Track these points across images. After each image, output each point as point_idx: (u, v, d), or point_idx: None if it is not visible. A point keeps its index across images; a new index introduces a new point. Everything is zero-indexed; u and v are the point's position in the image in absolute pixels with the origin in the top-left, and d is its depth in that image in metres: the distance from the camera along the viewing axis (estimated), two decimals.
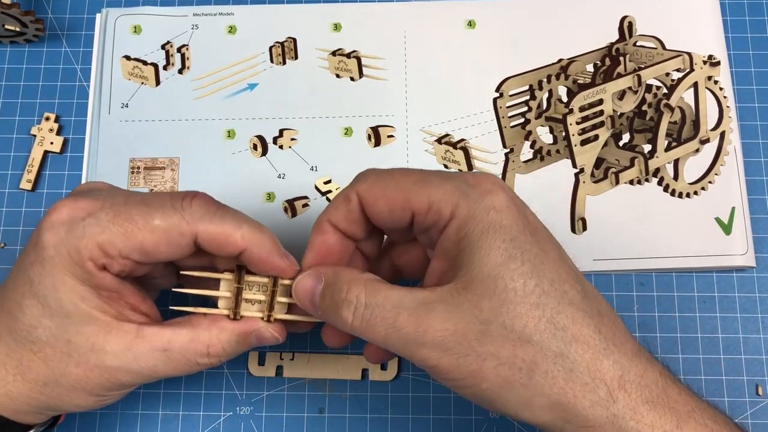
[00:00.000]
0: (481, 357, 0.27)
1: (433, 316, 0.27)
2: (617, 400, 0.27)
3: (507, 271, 0.27)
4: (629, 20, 0.46)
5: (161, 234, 0.29)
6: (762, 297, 0.42)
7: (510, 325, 0.27)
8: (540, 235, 0.29)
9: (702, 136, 0.44)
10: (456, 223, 0.28)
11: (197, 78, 0.46)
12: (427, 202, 0.29)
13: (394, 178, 0.30)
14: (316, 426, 0.40)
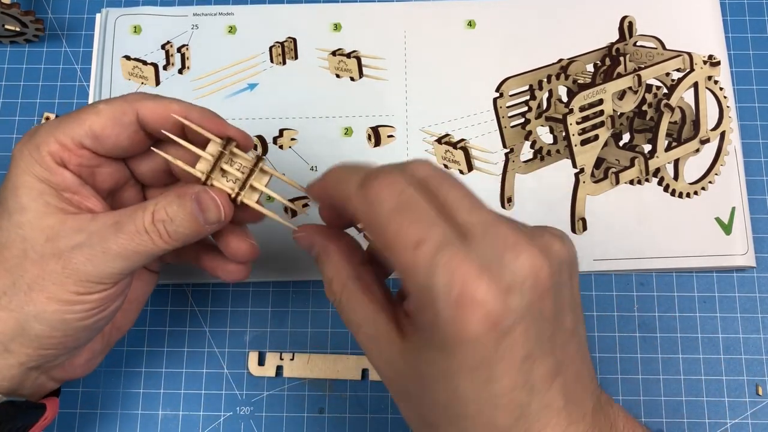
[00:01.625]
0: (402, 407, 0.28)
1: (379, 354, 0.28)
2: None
3: (437, 386, 0.25)
4: (629, 20, 0.46)
5: (107, 115, 0.31)
6: (762, 297, 0.42)
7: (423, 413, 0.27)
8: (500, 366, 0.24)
9: (702, 136, 0.44)
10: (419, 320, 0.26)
11: (197, 78, 0.46)
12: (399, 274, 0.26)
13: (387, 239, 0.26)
14: (316, 426, 0.40)
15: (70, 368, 0.34)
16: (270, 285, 0.43)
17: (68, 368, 0.33)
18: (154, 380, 0.41)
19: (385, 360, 0.27)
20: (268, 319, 0.42)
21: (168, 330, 0.42)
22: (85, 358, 0.34)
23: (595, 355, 0.41)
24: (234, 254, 0.34)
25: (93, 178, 0.32)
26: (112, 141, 0.31)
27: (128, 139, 0.32)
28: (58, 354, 0.31)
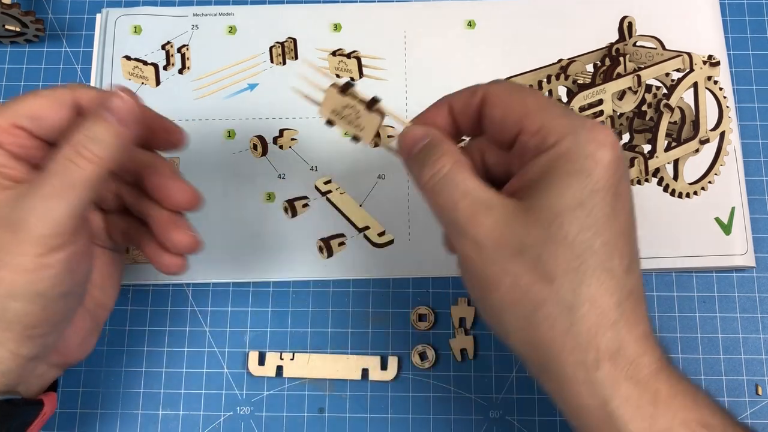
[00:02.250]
0: (504, 271, 0.28)
1: (488, 216, 0.29)
2: (601, 369, 0.27)
3: (571, 215, 0.27)
4: (629, 20, 0.46)
5: (45, 96, 0.31)
6: (762, 297, 0.42)
7: (543, 260, 0.28)
8: (620, 203, 0.28)
9: (702, 136, 0.44)
10: (552, 155, 0.28)
11: (197, 78, 0.46)
12: (539, 126, 0.29)
13: (521, 94, 0.30)
14: (316, 426, 0.41)
15: (66, 351, 0.33)
16: (270, 285, 0.43)
17: (64, 351, 0.33)
18: (154, 380, 0.42)
19: (497, 222, 0.28)
20: (268, 319, 0.42)
21: (168, 330, 0.42)
22: (78, 338, 0.34)
23: None
24: (176, 246, 0.34)
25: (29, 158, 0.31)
26: (50, 122, 0.31)
27: (66, 122, 0.31)
28: (45, 332, 0.30)
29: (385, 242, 0.43)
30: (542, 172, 0.29)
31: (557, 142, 0.28)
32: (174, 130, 0.34)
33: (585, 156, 0.28)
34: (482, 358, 0.41)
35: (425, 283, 0.43)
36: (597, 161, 0.28)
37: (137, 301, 0.43)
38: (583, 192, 0.27)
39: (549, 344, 0.28)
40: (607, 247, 0.28)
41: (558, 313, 0.28)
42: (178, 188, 0.34)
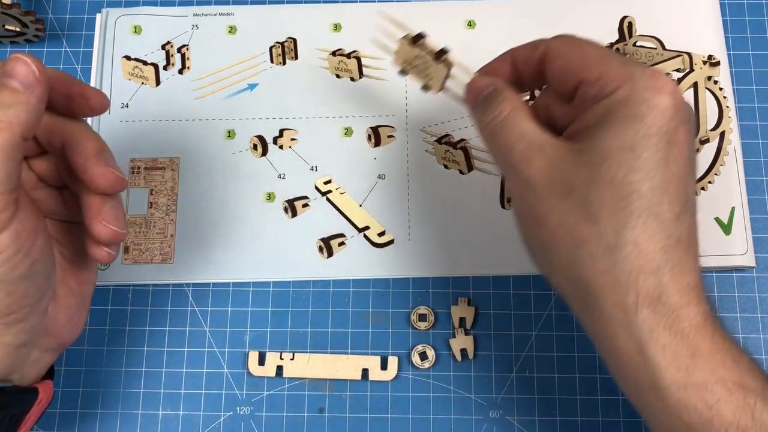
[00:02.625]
0: (552, 209, 0.29)
1: (541, 157, 0.30)
2: (640, 313, 0.28)
3: (621, 157, 0.28)
4: (629, 20, 0.46)
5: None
6: (762, 297, 0.42)
7: (589, 200, 0.28)
8: (675, 150, 0.28)
9: (702, 137, 0.44)
10: (609, 102, 0.29)
11: (197, 78, 0.46)
12: (598, 75, 0.30)
13: (581, 45, 0.31)
14: (316, 426, 0.41)
15: (56, 331, 0.33)
16: (270, 285, 0.43)
17: (53, 332, 0.33)
18: (154, 380, 0.42)
19: (548, 162, 0.30)
20: (268, 319, 0.42)
21: (168, 330, 0.42)
22: (64, 317, 0.33)
23: (595, 355, 0.41)
24: (96, 237, 0.32)
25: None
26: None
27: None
28: (21, 317, 0.30)
29: (385, 242, 0.43)
30: (599, 117, 0.29)
31: (615, 90, 0.29)
32: (91, 94, 0.32)
33: (641, 101, 0.28)
34: (482, 358, 0.41)
35: (425, 283, 0.43)
36: (652, 107, 0.28)
37: (137, 301, 0.43)
38: (635, 136, 0.28)
39: (590, 283, 0.29)
40: (656, 191, 0.28)
41: (601, 252, 0.28)
42: (97, 172, 0.31)
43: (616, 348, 0.29)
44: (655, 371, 0.28)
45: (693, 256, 0.29)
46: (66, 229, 0.35)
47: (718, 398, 0.28)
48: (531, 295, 0.42)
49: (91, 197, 0.32)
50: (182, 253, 0.43)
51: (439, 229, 0.43)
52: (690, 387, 0.28)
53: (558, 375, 0.41)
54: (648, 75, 0.29)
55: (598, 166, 0.28)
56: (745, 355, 0.29)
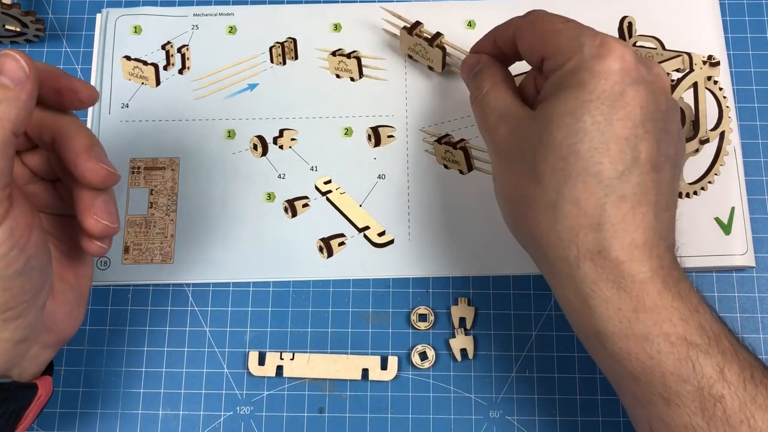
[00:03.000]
0: (509, 171, 0.33)
1: (506, 125, 0.33)
2: (581, 267, 0.30)
3: (561, 121, 0.30)
4: (629, 20, 0.46)
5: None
6: (762, 297, 0.42)
7: (536, 162, 0.31)
8: (620, 112, 0.30)
9: (702, 136, 0.44)
10: (561, 73, 0.31)
11: (197, 78, 0.46)
12: (555, 49, 0.32)
13: (544, 22, 0.33)
14: (316, 426, 0.41)
15: (54, 326, 0.33)
16: (270, 285, 0.43)
17: (52, 327, 0.33)
18: (154, 380, 0.42)
19: (510, 130, 0.33)
20: (268, 319, 0.42)
21: (168, 330, 0.42)
22: (63, 312, 0.33)
23: None
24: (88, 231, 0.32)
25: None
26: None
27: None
28: (18, 313, 0.30)
29: (385, 242, 0.43)
30: (552, 88, 0.31)
31: (566, 61, 0.31)
32: (80, 88, 0.32)
33: (585, 69, 0.30)
34: (482, 358, 0.41)
35: (425, 283, 0.43)
36: (595, 73, 0.30)
37: (137, 301, 0.43)
38: (575, 102, 0.30)
39: (539, 238, 0.31)
40: (595, 152, 0.29)
41: (544, 210, 0.30)
42: (87, 168, 0.31)
43: (566, 298, 0.31)
44: (598, 321, 0.30)
45: (642, 213, 0.30)
46: (61, 224, 0.35)
47: (660, 350, 0.29)
48: (531, 295, 0.42)
49: (83, 191, 0.32)
50: (182, 253, 0.43)
51: (439, 229, 0.43)
52: (631, 337, 0.29)
53: (558, 375, 0.41)
54: (596, 44, 0.30)
55: (543, 131, 0.31)
56: (701, 315, 0.30)
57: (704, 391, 0.29)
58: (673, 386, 0.29)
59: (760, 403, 0.29)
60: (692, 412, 0.29)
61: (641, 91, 0.30)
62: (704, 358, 0.29)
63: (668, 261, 0.31)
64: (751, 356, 0.31)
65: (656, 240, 0.30)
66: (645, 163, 0.30)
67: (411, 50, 0.44)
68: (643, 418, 0.31)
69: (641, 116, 0.30)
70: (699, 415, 0.29)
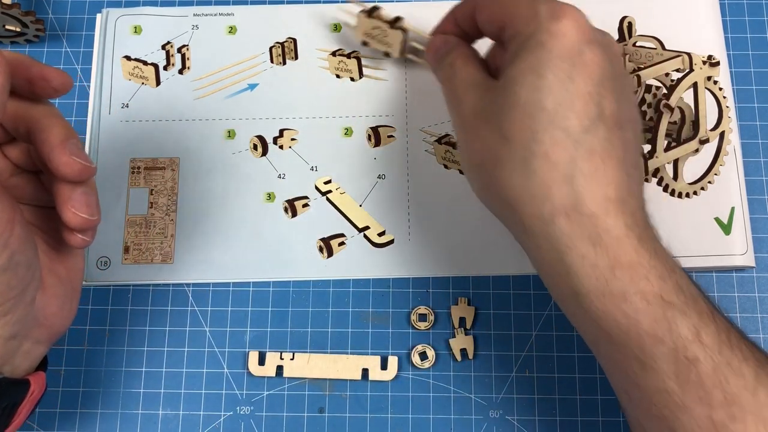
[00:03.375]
0: (476, 136, 0.33)
1: (471, 94, 0.34)
2: (556, 223, 0.29)
3: (525, 80, 0.30)
4: (629, 20, 0.46)
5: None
6: (762, 297, 0.42)
7: (502, 122, 0.31)
8: (580, 70, 0.30)
9: (701, 136, 0.44)
10: (520, 38, 0.32)
11: (197, 78, 0.46)
12: (511, 17, 0.33)
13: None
14: (316, 426, 0.41)
15: (46, 321, 0.32)
16: (270, 285, 0.43)
17: (44, 322, 0.32)
18: (154, 380, 0.42)
19: (476, 98, 0.33)
20: (268, 319, 0.42)
21: (168, 330, 0.42)
22: (54, 306, 0.33)
23: None
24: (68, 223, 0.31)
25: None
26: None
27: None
28: (7, 309, 0.29)
29: (385, 242, 0.43)
30: (512, 53, 0.32)
31: (524, 27, 0.32)
32: (52, 76, 0.31)
33: (543, 31, 0.31)
34: (482, 358, 0.41)
35: (425, 283, 0.43)
36: (553, 34, 0.30)
37: (137, 301, 0.43)
38: (536, 61, 0.30)
39: (510, 198, 0.31)
40: (560, 107, 0.30)
41: (514, 167, 0.30)
42: (61, 162, 0.30)
43: (541, 258, 0.31)
44: (575, 279, 0.29)
45: (613, 167, 0.30)
46: (47, 215, 0.34)
47: (636, 308, 0.29)
48: (531, 295, 0.42)
49: (60, 184, 0.31)
50: (182, 253, 0.43)
51: (439, 229, 0.43)
52: (608, 296, 0.29)
53: (558, 375, 0.41)
54: (551, 8, 0.31)
55: (508, 92, 0.31)
56: (679, 273, 0.30)
57: (679, 353, 0.28)
58: (648, 347, 0.28)
59: (735, 367, 0.28)
60: (666, 375, 0.28)
61: (597, 52, 0.31)
62: (681, 318, 0.28)
63: (641, 219, 0.31)
64: (727, 321, 0.30)
65: (628, 195, 0.30)
66: (609, 118, 0.30)
67: (367, 35, 0.43)
68: (620, 385, 0.31)
69: (600, 75, 0.31)
70: (673, 379, 0.28)
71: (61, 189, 0.31)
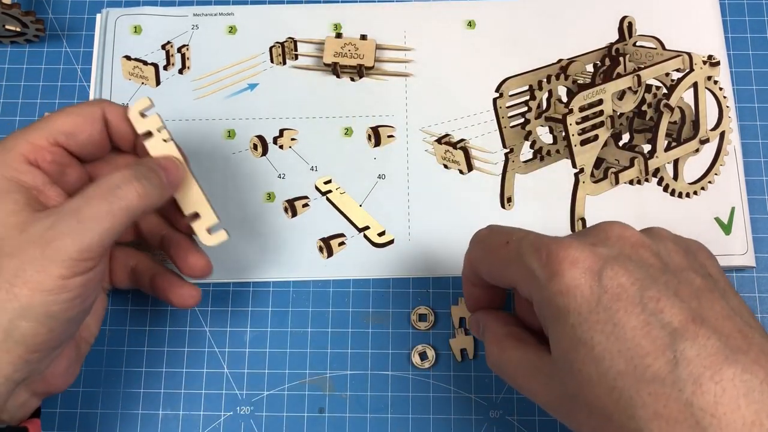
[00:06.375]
0: (573, 420, 0.28)
1: (539, 382, 0.30)
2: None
3: (578, 357, 0.27)
4: (629, 20, 0.46)
5: (78, 113, 0.33)
6: (762, 297, 0.42)
7: (591, 403, 0.27)
8: (618, 305, 0.26)
9: (702, 136, 0.44)
10: (536, 307, 0.29)
11: (197, 78, 0.46)
12: (512, 281, 0.30)
13: (489, 256, 0.32)
14: (316, 426, 0.41)
15: (51, 378, 0.33)
16: (270, 285, 0.43)
17: (49, 379, 0.33)
18: (154, 380, 0.42)
19: (543, 385, 0.29)
20: (268, 319, 0.42)
21: (168, 330, 0.42)
22: (63, 366, 0.34)
23: None
24: (192, 269, 0.36)
25: (62, 178, 0.33)
26: (84, 137, 0.33)
27: (99, 134, 0.34)
28: (42, 357, 0.31)
29: (385, 242, 0.43)
30: (544, 321, 0.29)
31: (531, 292, 0.29)
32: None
33: (553, 296, 0.27)
34: (482, 358, 0.41)
35: (425, 283, 0.43)
36: (564, 294, 0.27)
37: (137, 302, 0.43)
38: (572, 330, 0.27)
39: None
40: (633, 359, 0.25)
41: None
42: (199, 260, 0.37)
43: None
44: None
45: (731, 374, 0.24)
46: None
47: None
48: None
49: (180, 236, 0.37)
50: None
51: (439, 229, 0.43)
52: None
53: None
54: (543, 263, 0.28)
55: (574, 373, 0.27)
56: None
57: None
58: None
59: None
60: None
61: (620, 273, 0.27)
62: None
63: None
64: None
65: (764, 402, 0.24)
66: (685, 323, 0.25)
67: (337, 55, 0.44)
68: None
69: (639, 291, 0.26)
70: None
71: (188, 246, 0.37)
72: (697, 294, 0.27)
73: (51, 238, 0.29)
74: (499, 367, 0.32)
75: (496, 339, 0.32)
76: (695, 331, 0.25)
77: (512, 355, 0.31)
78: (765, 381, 0.24)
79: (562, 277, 0.27)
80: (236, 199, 0.44)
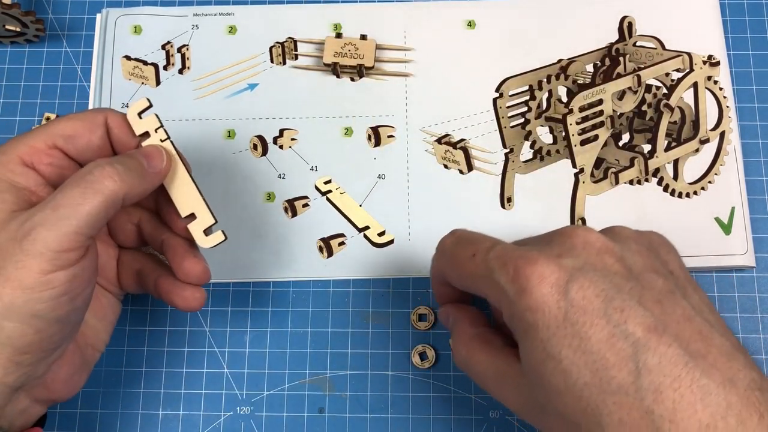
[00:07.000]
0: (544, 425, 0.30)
1: (508, 389, 0.31)
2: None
3: (546, 370, 0.28)
4: (629, 20, 0.46)
5: (76, 119, 0.33)
6: (762, 297, 0.42)
7: (560, 411, 0.28)
8: (585, 318, 0.27)
9: (702, 136, 0.44)
10: (506, 319, 0.30)
11: (197, 78, 0.46)
12: (482, 293, 0.31)
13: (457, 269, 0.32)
14: (316, 426, 0.41)
15: (52, 385, 0.33)
16: (270, 285, 0.43)
17: (50, 385, 0.32)
18: (154, 380, 0.42)
19: (513, 392, 0.31)
20: (268, 319, 0.42)
21: (168, 330, 0.42)
22: (65, 373, 0.33)
23: None
24: (187, 275, 0.35)
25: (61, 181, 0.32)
26: (83, 142, 0.33)
27: (99, 140, 0.33)
28: (34, 360, 0.30)
29: (385, 242, 0.43)
30: (514, 332, 0.30)
31: (500, 305, 0.29)
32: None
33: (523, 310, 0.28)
34: None
35: (425, 283, 0.43)
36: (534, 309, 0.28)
37: (137, 302, 0.43)
38: (542, 345, 0.28)
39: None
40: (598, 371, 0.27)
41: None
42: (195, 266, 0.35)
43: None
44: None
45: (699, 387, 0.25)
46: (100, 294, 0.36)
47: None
48: None
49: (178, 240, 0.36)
50: None
51: (439, 229, 0.43)
52: None
53: None
54: (511, 278, 0.28)
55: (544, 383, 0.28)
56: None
57: None
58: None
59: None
60: None
61: (585, 285, 0.27)
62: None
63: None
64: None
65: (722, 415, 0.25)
66: (647, 332, 0.26)
67: (337, 55, 0.44)
68: None
69: (602, 297, 0.27)
70: None
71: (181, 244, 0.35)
72: (660, 298, 0.28)
73: (27, 230, 0.28)
74: (467, 367, 0.33)
75: (464, 340, 0.34)
76: (657, 339, 0.26)
77: (480, 359, 0.32)
78: (722, 384, 0.25)
79: (531, 294, 0.28)
80: (236, 199, 0.44)
